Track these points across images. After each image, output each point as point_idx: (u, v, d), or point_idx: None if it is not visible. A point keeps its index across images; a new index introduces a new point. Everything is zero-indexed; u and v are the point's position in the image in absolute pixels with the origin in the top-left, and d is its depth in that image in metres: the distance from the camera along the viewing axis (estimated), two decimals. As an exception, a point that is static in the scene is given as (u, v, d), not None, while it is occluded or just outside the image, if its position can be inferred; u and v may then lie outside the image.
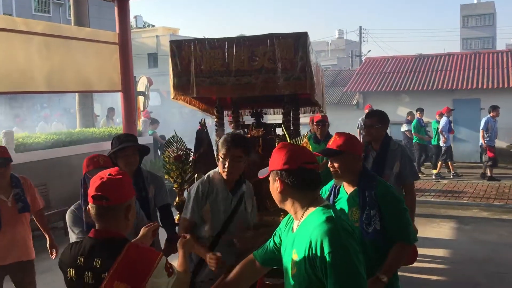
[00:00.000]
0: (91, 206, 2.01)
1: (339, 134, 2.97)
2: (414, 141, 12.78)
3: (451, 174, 12.35)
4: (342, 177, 2.93)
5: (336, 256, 1.78)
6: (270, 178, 2.06)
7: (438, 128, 12.30)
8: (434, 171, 12.50)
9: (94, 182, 2.00)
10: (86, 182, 3.04)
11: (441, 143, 12.27)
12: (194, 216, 3.18)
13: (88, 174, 3.07)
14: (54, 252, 4.34)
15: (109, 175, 2.02)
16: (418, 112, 12.80)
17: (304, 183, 1.97)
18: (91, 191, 1.99)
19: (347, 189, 2.97)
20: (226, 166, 3.09)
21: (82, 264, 1.97)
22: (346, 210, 2.89)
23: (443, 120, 12.16)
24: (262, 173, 2.18)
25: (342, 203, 2.94)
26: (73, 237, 3.09)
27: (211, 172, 3.31)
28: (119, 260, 1.91)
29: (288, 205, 2.03)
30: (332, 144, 2.91)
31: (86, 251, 1.99)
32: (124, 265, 1.91)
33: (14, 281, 4.24)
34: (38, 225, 4.45)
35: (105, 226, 2.01)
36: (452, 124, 12.59)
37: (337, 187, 3.04)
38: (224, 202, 3.20)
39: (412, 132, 12.73)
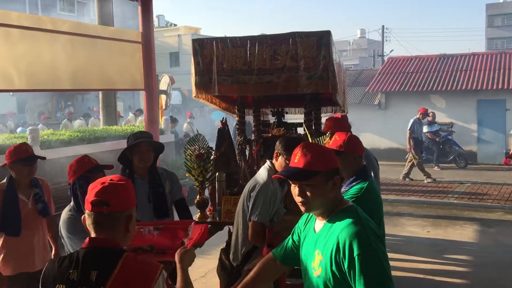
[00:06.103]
0: (87, 214, 1.83)
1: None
2: None
3: None
4: None
5: (365, 258, 1.75)
6: (319, 180, 1.88)
7: None
8: None
9: (94, 187, 1.82)
10: (83, 186, 2.82)
11: None
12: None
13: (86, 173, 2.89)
14: None
15: (111, 180, 1.85)
16: None
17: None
18: (90, 197, 1.80)
19: None
20: None
21: (76, 278, 1.74)
22: None
23: None
24: (306, 175, 1.89)
25: None
26: (73, 248, 2.77)
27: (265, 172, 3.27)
28: (116, 273, 1.73)
29: (321, 207, 1.93)
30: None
31: (80, 263, 1.76)
32: (121, 279, 1.73)
33: None
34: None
35: (103, 234, 1.81)
36: None
37: None
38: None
39: None
